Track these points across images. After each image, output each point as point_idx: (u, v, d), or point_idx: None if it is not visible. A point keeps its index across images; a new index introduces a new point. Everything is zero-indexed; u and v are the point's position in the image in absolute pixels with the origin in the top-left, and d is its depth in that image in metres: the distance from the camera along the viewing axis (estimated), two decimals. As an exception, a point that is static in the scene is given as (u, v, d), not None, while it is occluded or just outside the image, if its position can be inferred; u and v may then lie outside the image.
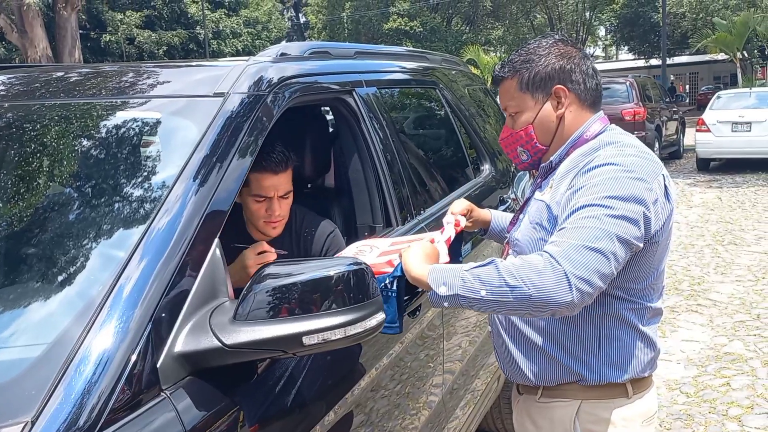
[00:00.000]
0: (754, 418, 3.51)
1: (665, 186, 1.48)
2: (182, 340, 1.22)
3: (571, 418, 1.56)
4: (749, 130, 12.27)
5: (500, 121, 3.80)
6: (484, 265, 1.39)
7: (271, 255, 1.83)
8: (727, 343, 4.55)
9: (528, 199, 1.67)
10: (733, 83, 24.53)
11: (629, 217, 1.38)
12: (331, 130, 2.59)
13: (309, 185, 2.54)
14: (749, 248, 7.06)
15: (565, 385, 1.57)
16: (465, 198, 2.08)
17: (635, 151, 1.49)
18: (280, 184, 1.93)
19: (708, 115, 12.82)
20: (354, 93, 2.16)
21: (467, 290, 1.37)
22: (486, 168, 3.16)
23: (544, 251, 1.36)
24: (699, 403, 3.71)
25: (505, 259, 1.65)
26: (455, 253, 1.80)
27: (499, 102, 1.70)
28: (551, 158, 1.60)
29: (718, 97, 13.60)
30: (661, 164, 1.51)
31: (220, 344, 1.20)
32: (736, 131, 12.35)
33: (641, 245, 1.43)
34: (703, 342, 4.57)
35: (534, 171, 1.73)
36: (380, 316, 1.31)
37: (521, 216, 1.66)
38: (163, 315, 1.22)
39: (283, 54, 2.00)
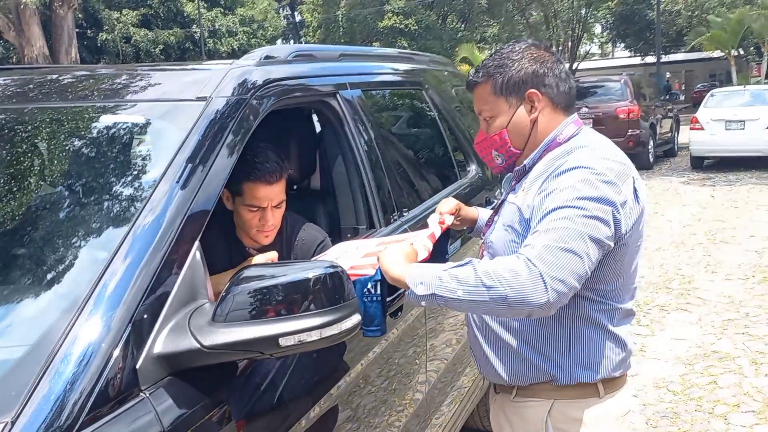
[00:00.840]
0: (740, 416, 3.55)
1: (635, 188, 1.51)
2: (162, 341, 1.24)
3: (543, 417, 1.59)
4: (743, 128, 12.32)
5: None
6: (462, 265, 1.42)
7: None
8: (716, 341, 4.59)
9: (502, 202, 1.70)
10: (729, 81, 24.58)
11: (600, 217, 1.41)
12: (317, 131, 2.62)
13: (295, 187, 2.57)
14: (740, 246, 7.11)
15: (538, 385, 1.60)
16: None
17: (606, 153, 1.52)
18: (274, 194, 1.91)
19: (702, 113, 12.86)
20: (338, 95, 2.19)
21: (444, 290, 1.40)
22: (472, 169, 3.19)
23: (520, 253, 1.39)
24: (686, 401, 3.75)
25: (481, 260, 1.68)
26: (441, 251, 1.83)
27: (474, 107, 1.72)
28: (525, 162, 1.62)
29: (712, 95, 13.64)
30: (631, 166, 1.54)
31: (198, 345, 1.23)
32: (729, 129, 12.40)
33: (612, 245, 1.46)
34: (692, 340, 4.61)
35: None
36: (356, 318, 1.34)
37: (496, 218, 1.69)
38: (144, 316, 1.25)
39: (267, 57, 2.03)
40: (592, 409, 1.58)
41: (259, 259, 1.84)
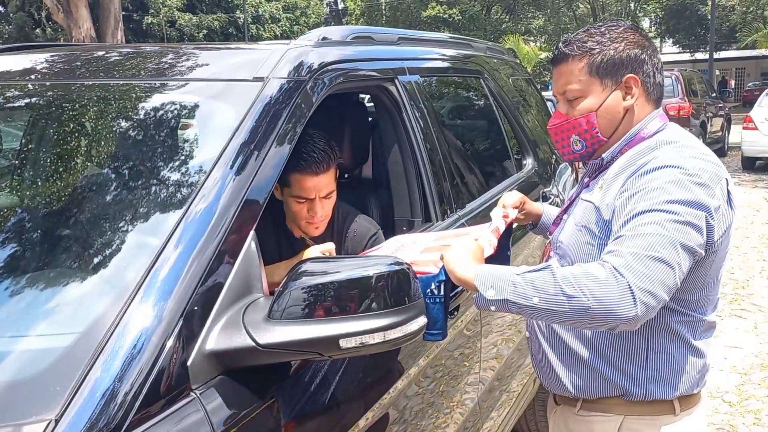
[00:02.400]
0: (801, 431, 3.35)
1: (728, 191, 1.37)
2: (214, 338, 1.16)
3: None
4: (799, 129, 11.81)
5: (543, 113, 3.68)
6: (539, 270, 1.30)
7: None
8: (773, 351, 4.37)
9: (573, 199, 1.56)
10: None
11: (693, 223, 1.28)
12: (370, 119, 2.51)
13: (346, 176, 2.47)
14: (797, 252, 6.79)
15: (608, 399, 1.47)
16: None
17: (696, 152, 1.38)
18: (321, 184, 1.82)
19: (756, 113, 12.37)
20: (396, 81, 2.07)
21: (518, 296, 1.28)
22: (529, 162, 3.05)
23: (605, 260, 1.26)
24: (743, 414, 3.56)
25: (546, 260, 1.55)
26: (503, 247, 1.71)
27: (552, 84, 1.55)
28: (603, 155, 1.48)
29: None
30: (723, 167, 1.40)
31: (253, 343, 1.14)
32: (785, 129, 11.90)
33: (703, 253, 1.32)
34: (747, 349, 4.39)
35: (578, 165, 1.64)
36: (422, 320, 1.24)
37: (565, 217, 1.56)
38: (196, 308, 1.16)
39: (324, 38, 1.92)
40: (667, 428, 1.45)
41: (313, 251, 1.75)
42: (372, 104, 2.56)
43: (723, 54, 35.77)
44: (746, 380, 3.95)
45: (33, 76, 1.91)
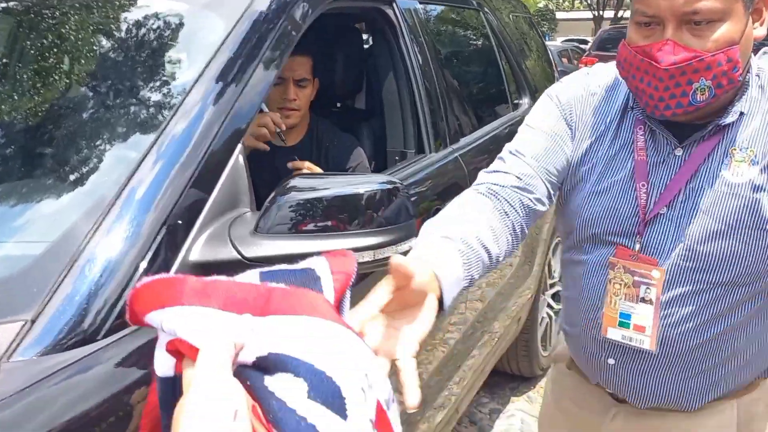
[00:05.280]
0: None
1: None
2: (198, 249, 1.12)
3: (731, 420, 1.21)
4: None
5: (543, 59, 3.60)
6: None
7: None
8: None
9: (685, 182, 1.08)
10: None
11: None
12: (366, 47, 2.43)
13: (338, 105, 2.41)
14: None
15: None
16: (498, 133, 1.88)
17: None
18: (296, 65, 1.86)
19: None
20: (394, 4, 1.99)
21: None
22: (524, 102, 2.99)
23: None
24: None
25: (617, 274, 1.14)
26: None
27: (660, 4, 0.99)
28: (740, 109, 1.06)
29: None
30: None
31: (239, 256, 1.11)
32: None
33: None
34: None
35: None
36: (413, 241, 1.21)
37: (671, 212, 1.09)
38: (179, 221, 1.12)
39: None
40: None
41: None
42: (369, 35, 2.48)
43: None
44: None
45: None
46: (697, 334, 1.13)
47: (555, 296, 3.19)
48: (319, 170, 1.77)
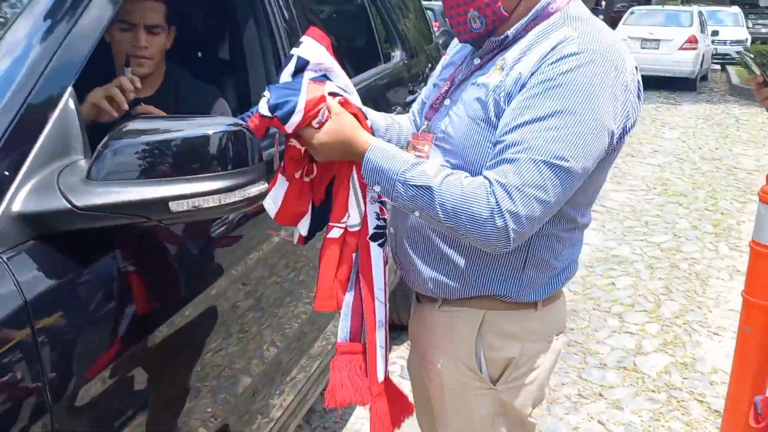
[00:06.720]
0: (633, 314, 3.72)
1: (638, 80, 1.28)
2: (23, 199, 1.04)
3: (474, 329, 1.39)
4: (657, 48, 12.58)
5: (420, 18, 3.60)
6: (420, 186, 1.20)
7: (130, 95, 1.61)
8: (616, 246, 4.77)
9: (460, 82, 1.35)
10: (648, 1, 24.90)
11: (605, 128, 1.19)
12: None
13: (200, 54, 2.30)
14: (644, 161, 7.37)
15: (472, 299, 1.39)
16: (372, 83, 1.90)
17: (609, 34, 1.26)
18: (146, 9, 1.76)
19: (621, 30, 13.01)
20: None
21: (401, 203, 1.24)
22: (397, 54, 2.99)
23: (489, 179, 1.17)
24: (584, 300, 3.89)
25: (409, 149, 1.39)
26: None
27: None
28: (507, 32, 1.28)
29: (632, 13, 13.83)
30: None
31: (69, 206, 1.04)
32: (645, 48, 12.63)
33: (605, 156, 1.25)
34: (594, 245, 4.77)
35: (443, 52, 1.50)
36: (262, 186, 1.17)
37: (448, 103, 1.36)
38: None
39: None
40: (527, 323, 1.40)
41: (98, 93, 1.60)
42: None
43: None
44: (590, 272, 4.30)
45: None
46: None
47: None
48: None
